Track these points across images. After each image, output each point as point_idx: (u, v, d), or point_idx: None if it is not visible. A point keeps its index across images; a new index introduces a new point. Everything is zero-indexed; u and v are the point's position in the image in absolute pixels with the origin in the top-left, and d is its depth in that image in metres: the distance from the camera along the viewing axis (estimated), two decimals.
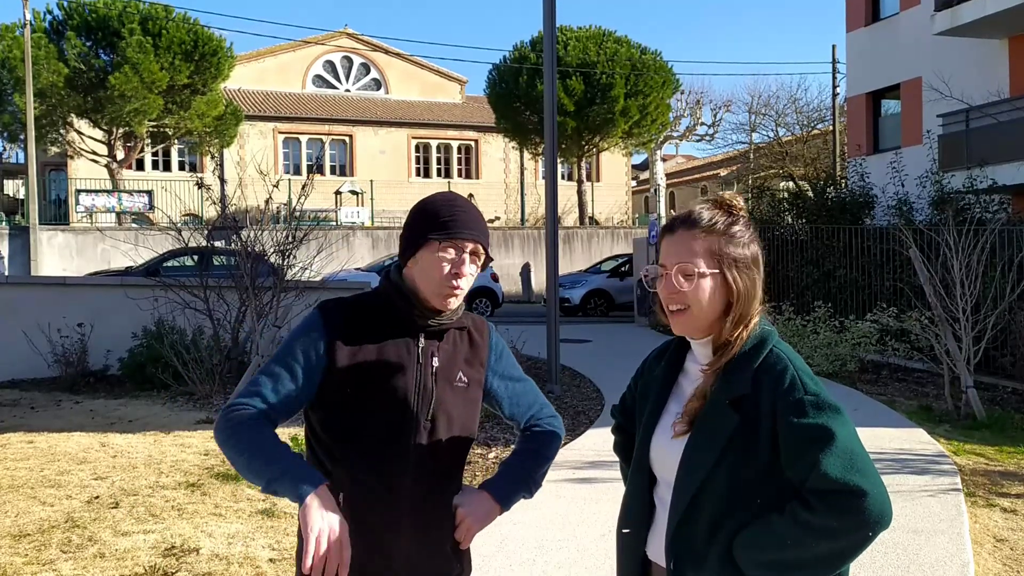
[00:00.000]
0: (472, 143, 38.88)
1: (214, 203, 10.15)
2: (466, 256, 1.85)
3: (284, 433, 6.08)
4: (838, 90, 31.21)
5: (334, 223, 26.97)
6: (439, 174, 38.34)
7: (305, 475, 1.70)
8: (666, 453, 1.65)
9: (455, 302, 1.88)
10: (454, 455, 1.91)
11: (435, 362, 1.88)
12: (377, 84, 39.92)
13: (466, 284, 1.87)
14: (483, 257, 1.89)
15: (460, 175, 38.55)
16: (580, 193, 32.47)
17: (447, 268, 1.83)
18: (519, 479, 2.02)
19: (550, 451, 2.06)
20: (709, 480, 1.56)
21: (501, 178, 38.89)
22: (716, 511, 1.56)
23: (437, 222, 1.84)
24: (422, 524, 1.86)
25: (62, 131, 27.26)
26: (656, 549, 1.68)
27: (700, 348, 1.69)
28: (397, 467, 1.83)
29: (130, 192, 26.48)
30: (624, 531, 1.74)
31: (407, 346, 1.86)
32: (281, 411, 1.82)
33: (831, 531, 1.48)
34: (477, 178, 38.52)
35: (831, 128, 31.28)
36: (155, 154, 32.82)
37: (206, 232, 10.52)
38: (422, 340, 1.87)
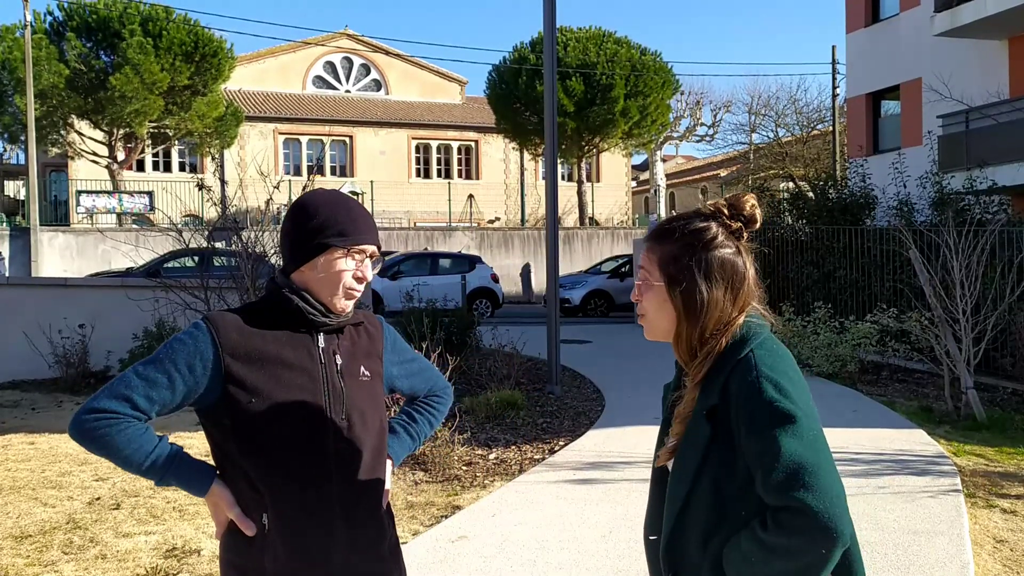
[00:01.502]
0: (472, 144, 38.88)
1: (215, 204, 10.14)
2: (368, 261, 1.86)
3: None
4: (838, 91, 31.22)
5: None
6: (439, 175, 38.35)
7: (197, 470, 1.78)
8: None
9: (352, 304, 1.86)
10: (374, 451, 1.89)
11: (338, 360, 1.85)
12: (377, 85, 39.93)
13: (364, 285, 1.87)
14: (377, 258, 1.91)
15: (460, 176, 38.55)
16: (580, 194, 32.48)
17: (350, 275, 1.82)
18: (412, 447, 2.12)
19: (442, 418, 2.20)
20: (694, 492, 1.55)
21: (501, 179, 38.89)
22: (706, 523, 1.54)
23: (335, 228, 1.81)
24: (355, 525, 1.83)
25: (63, 132, 27.27)
26: None
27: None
28: (320, 471, 1.79)
29: (131, 193, 26.49)
30: (651, 538, 1.74)
31: (307, 348, 1.82)
32: (149, 418, 1.76)
33: (784, 550, 1.42)
34: (477, 179, 38.53)
35: (831, 129, 31.27)
36: (155, 155, 32.83)
37: (207, 233, 10.51)
38: (321, 340, 1.84)
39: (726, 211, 1.63)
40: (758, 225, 1.66)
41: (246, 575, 1.80)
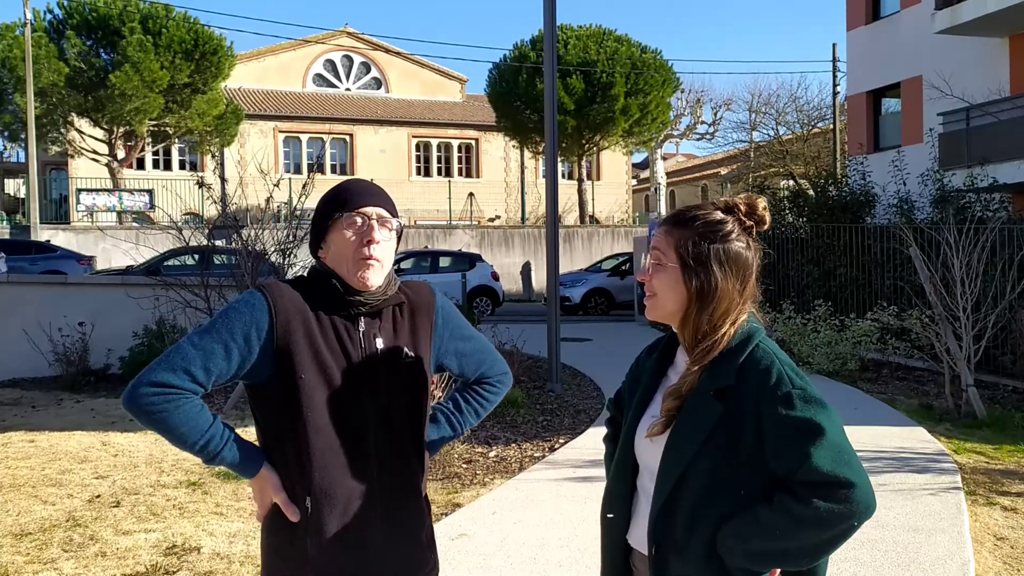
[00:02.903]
0: (472, 142, 38.85)
1: (215, 202, 10.14)
2: (374, 223, 1.81)
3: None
4: (838, 88, 31.19)
5: None
6: (439, 173, 38.32)
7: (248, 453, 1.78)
8: (650, 443, 1.69)
9: (373, 276, 1.81)
10: (414, 439, 1.88)
11: (379, 343, 1.83)
12: (377, 83, 39.91)
13: (380, 252, 1.81)
14: (393, 225, 1.85)
15: (460, 174, 38.52)
16: (580, 192, 32.47)
17: (355, 237, 1.80)
18: (452, 437, 2.07)
19: (491, 407, 2.13)
20: (691, 470, 1.60)
21: (501, 177, 38.87)
22: (698, 501, 1.59)
23: (336, 201, 1.84)
24: (393, 511, 1.83)
25: (63, 130, 27.25)
26: (638, 536, 1.72)
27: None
28: (361, 460, 1.79)
29: (131, 191, 26.49)
30: (608, 515, 1.78)
31: (348, 332, 1.81)
32: (206, 390, 1.74)
33: (819, 521, 1.51)
34: (477, 177, 38.51)
35: (832, 127, 31.26)
36: (156, 153, 32.81)
37: (207, 231, 10.52)
38: (362, 324, 1.82)
39: (743, 208, 1.69)
40: (766, 227, 1.72)
41: (287, 558, 1.79)
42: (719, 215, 1.68)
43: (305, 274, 1.92)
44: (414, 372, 1.88)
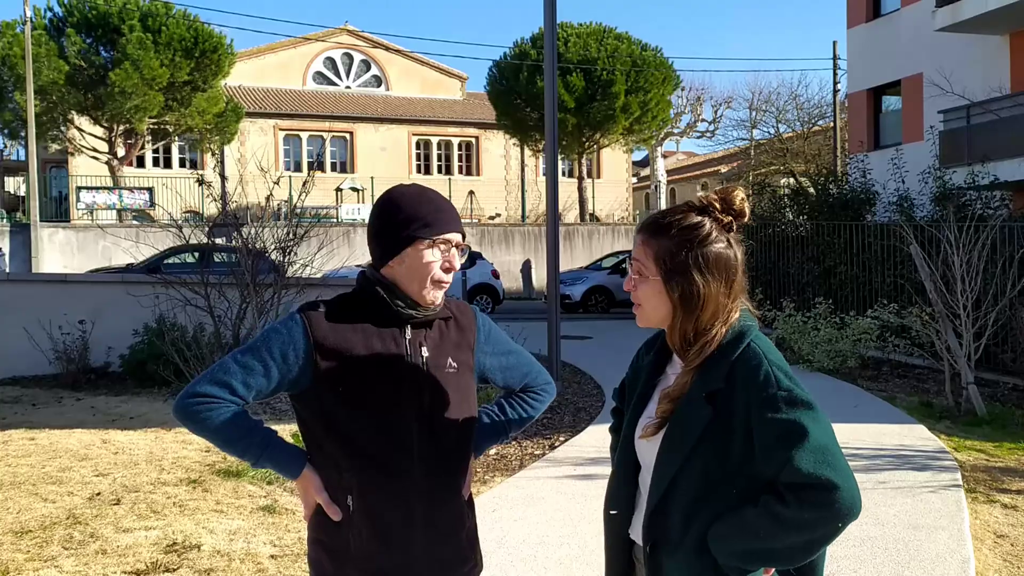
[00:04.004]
0: (473, 140, 38.84)
1: (215, 200, 10.15)
2: (454, 251, 1.90)
3: (283, 431, 6.08)
4: (839, 86, 31.18)
5: (335, 220, 26.99)
6: (440, 171, 38.31)
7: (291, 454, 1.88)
8: (647, 442, 1.70)
9: (441, 295, 1.91)
10: (457, 442, 1.93)
11: (424, 352, 1.89)
12: (378, 81, 39.89)
13: (453, 276, 1.91)
14: (464, 248, 1.94)
15: (461, 172, 38.52)
16: (581, 190, 32.46)
17: (438, 265, 1.87)
18: (498, 440, 2.15)
19: (535, 414, 2.19)
20: (684, 471, 1.61)
21: (502, 175, 38.86)
22: (691, 500, 1.61)
23: (421, 221, 1.86)
24: (435, 515, 1.88)
25: (63, 128, 27.24)
26: (639, 531, 1.74)
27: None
28: (403, 460, 1.84)
29: (131, 189, 26.48)
30: (611, 512, 1.80)
31: (395, 340, 1.87)
32: (247, 402, 1.85)
33: (803, 523, 1.52)
34: (478, 175, 38.50)
35: (832, 124, 31.24)
36: (156, 151, 32.80)
37: (207, 229, 10.52)
38: (408, 332, 1.89)
39: (718, 205, 1.67)
40: (747, 219, 1.71)
41: (332, 554, 1.87)
42: (694, 218, 1.66)
43: (351, 289, 1.98)
44: (458, 379, 1.94)
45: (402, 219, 1.86)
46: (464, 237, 1.94)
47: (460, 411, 1.93)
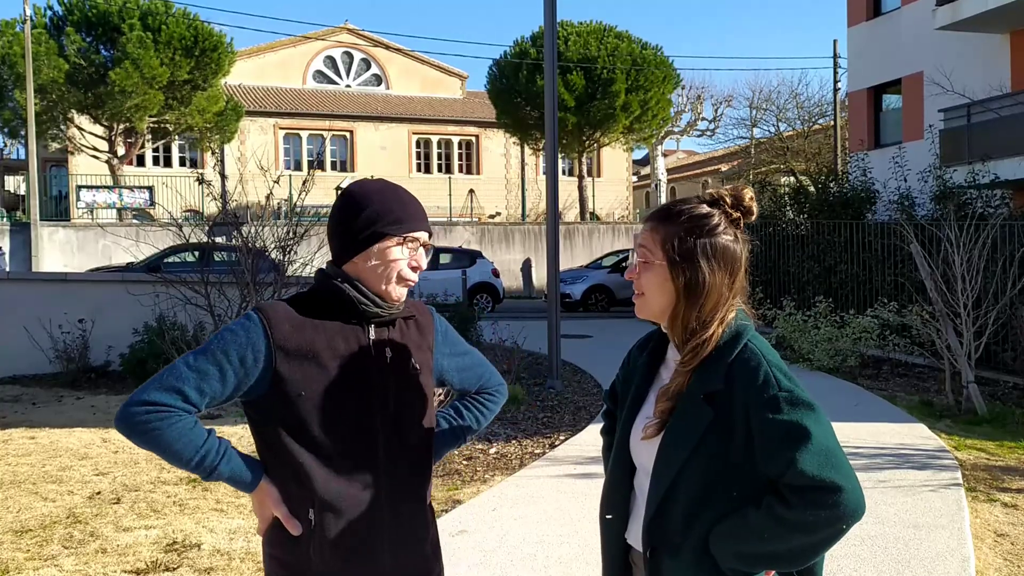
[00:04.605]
0: (473, 138, 38.82)
1: (215, 199, 10.15)
2: (421, 250, 1.84)
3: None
4: (839, 85, 31.18)
5: None
6: (440, 169, 38.30)
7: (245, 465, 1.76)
8: (645, 444, 1.68)
9: (405, 293, 1.85)
10: (420, 446, 1.87)
11: (388, 352, 1.82)
12: (378, 80, 39.87)
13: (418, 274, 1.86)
14: (430, 247, 1.89)
15: (461, 171, 38.50)
16: (581, 188, 32.44)
17: (405, 263, 1.81)
18: (455, 444, 2.07)
19: (491, 416, 2.12)
20: (684, 472, 1.59)
21: (502, 173, 38.84)
22: (692, 502, 1.59)
23: (391, 217, 1.79)
24: (402, 524, 1.82)
25: (63, 127, 27.22)
26: (636, 535, 1.72)
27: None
28: (368, 466, 1.77)
29: (131, 188, 26.45)
30: (607, 517, 1.78)
31: (358, 340, 1.79)
32: (199, 411, 1.72)
33: (807, 525, 1.50)
34: (478, 173, 38.48)
35: (832, 123, 31.24)
36: (156, 150, 32.78)
37: (207, 228, 10.51)
38: (372, 332, 1.81)
39: (728, 200, 1.67)
40: (753, 217, 1.70)
41: (291, 570, 1.77)
42: (705, 209, 1.65)
43: (306, 287, 1.90)
44: (420, 381, 1.88)
45: (370, 214, 1.79)
46: (431, 236, 1.87)
47: (423, 414, 1.87)
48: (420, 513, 1.87)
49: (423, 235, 1.84)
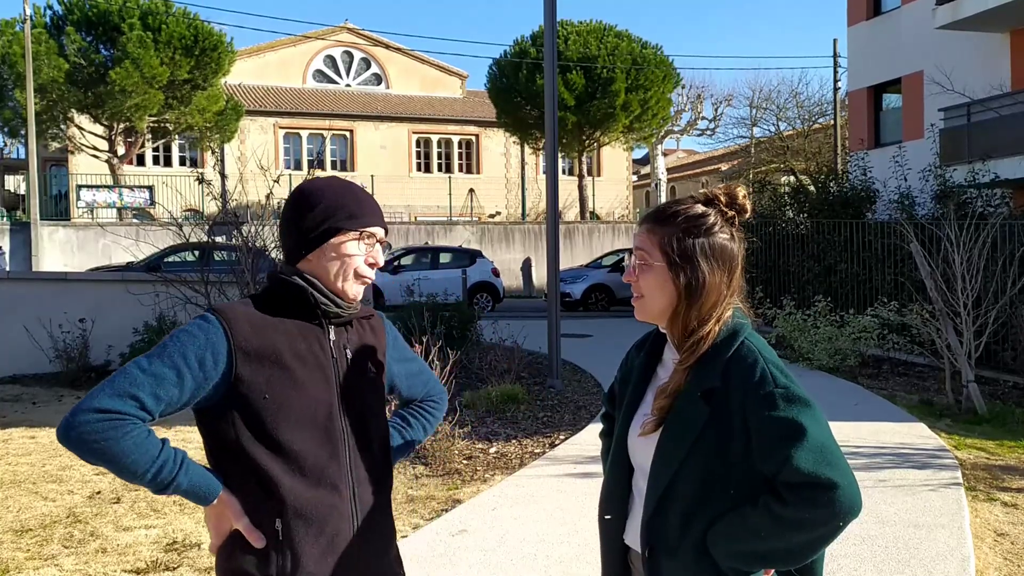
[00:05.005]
0: (473, 138, 38.80)
1: (215, 198, 10.15)
2: (378, 247, 1.80)
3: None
4: (839, 84, 31.16)
5: None
6: (440, 169, 38.29)
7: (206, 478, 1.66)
8: (643, 443, 1.68)
9: (362, 291, 1.80)
10: (381, 450, 1.83)
11: (348, 353, 1.77)
12: (378, 79, 39.86)
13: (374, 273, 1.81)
14: (386, 244, 1.84)
15: (461, 170, 38.49)
16: (581, 188, 32.43)
17: (362, 259, 1.76)
18: (406, 452, 2.04)
19: (437, 424, 2.10)
20: (682, 471, 1.59)
21: (502, 173, 38.83)
22: (690, 501, 1.59)
23: (344, 212, 1.74)
24: (369, 533, 1.76)
25: (63, 126, 27.22)
26: (634, 536, 1.72)
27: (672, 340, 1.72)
28: (337, 476, 1.71)
29: (131, 187, 26.45)
30: (606, 517, 1.78)
31: (319, 341, 1.73)
32: (154, 419, 1.60)
33: (803, 523, 1.50)
34: (478, 173, 38.47)
35: (832, 122, 31.23)
36: (156, 149, 32.77)
37: (207, 227, 10.51)
38: (332, 334, 1.76)
39: (723, 199, 1.68)
40: (748, 215, 1.71)
41: None
42: (700, 208, 1.67)
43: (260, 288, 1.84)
44: (378, 384, 1.85)
45: (324, 209, 1.73)
46: (387, 233, 1.82)
47: (382, 419, 1.82)
48: (386, 519, 1.83)
49: (379, 231, 1.79)
